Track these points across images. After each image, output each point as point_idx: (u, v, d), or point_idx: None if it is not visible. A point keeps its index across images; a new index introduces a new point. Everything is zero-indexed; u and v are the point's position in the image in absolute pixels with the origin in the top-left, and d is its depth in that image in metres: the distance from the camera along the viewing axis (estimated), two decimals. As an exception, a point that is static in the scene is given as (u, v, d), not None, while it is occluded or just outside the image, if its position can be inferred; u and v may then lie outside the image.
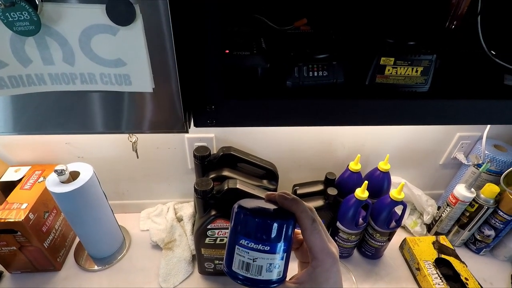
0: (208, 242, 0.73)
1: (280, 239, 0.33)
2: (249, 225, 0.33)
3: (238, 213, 0.34)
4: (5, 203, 0.72)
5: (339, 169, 0.87)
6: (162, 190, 0.98)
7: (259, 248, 0.32)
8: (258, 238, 0.32)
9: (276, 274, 0.33)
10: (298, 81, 0.40)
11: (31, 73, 0.34)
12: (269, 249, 0.32)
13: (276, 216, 0.33)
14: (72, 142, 0.83)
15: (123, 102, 0.38)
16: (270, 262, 0.33)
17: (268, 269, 0.33)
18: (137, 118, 0.40)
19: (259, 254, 0.32)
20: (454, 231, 0.90)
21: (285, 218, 0.33)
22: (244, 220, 0.33)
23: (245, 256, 0.33)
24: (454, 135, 0.90)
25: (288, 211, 0.34)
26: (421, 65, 0.39)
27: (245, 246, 0.33)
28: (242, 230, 0.33)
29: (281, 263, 0.33)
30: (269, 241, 0.32)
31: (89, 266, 0.84)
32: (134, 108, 0.39)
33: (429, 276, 0.78)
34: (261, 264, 0.32)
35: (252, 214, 0.33)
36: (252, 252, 0.32)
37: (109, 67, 0.34)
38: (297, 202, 0.34)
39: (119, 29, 0.31)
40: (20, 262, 0.78)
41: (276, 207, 0.35)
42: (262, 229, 0.32)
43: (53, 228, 0.81)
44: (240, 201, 0.36)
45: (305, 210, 0.34)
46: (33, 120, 0.40)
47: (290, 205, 0.34)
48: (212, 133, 0.85)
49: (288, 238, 0.34)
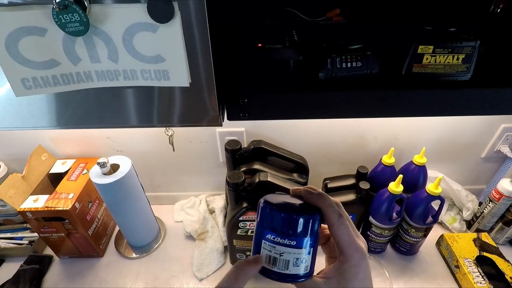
0: (240, 234, 0.74)
1: (306, 234, 0.33)
2: (275, 220, 0.33)
3: (264, 208, 0.34)
4: (54, 193, 0.78)
5: (371, 163, 0.85)
6: (195, 183, 1.01)
7: (285, 243, 0.32)
8: (284, 233, 0.32)
9: (303, 268, 0.33)
10: (331, 73, 0.40)
11: (80, 70, 0.36)
12: (295, 244, 0.32)
13: (302, 211, 0.33)
14: (112, 136, 0.88)
15: (161, 96, 0.40)
16: (297, 256, 0.33)
17: (295, 263, 0.33)
18: (173, 112, 0.42)
19: (286, 249, 0.32)
20: (497, 228, 0.85)
21: (311, 213, 0.33)
22: (270, 215, 0.33)
23: (271, 250, 0.33)
24: (498, 126, 0.84)
25: (314, 206, 0.34)
26: (462, 52, 0.37)
27: (271, 241, 0.33)
28: (268, 225, 0.33)
29: (308, 258, 0.33)
30: (295, 236, 0.32)
31: (128, 254, 0.90)
32: (171, 102, 0.41)
33: (469, 274, 0.74)
34: (288, 259, 0.33)
35: (277, 209, 0.33)
36: (278, 246, 0.33)
37: (150, 63, 0.36)
38: (323, 196, 0.34)
39: (159, 27, 0.32)
40: (67, 248, 0.85)
41: (302, 202, 0.35)
42: (288, 224, 0.32)
43: (96, 217, 0.86)
44: (265, 196, 0.36)
45: (331, 204, 0.33)
46: (74, 115, 0.43)
47: (316, 200, 0.34)
48: (243, 127, 0.86)
49: (315, 233, 0.34)
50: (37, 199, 0.76)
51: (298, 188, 0.36)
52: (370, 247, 0.85)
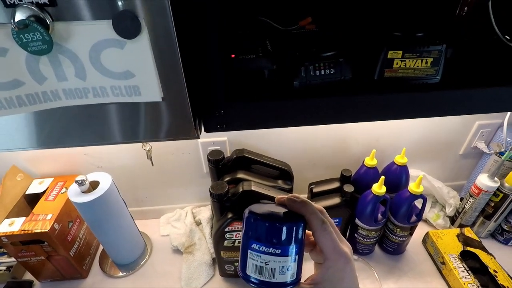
0: (226, 245, 0.73)
1: (291, 242, 0.33)
2: (259, 229, 0.33)
3: (248, 218, 0.34)
4: (31, 215, 0.75)
5: (355, 165, 0.86)
6: (180, 195, 0.99)
7: (270, 252, 0.33)
8: (269, 242, 0.33)
9: (290, 276, 0.34)
10: (305, 81, 0.40)
11: (46, 90, 0.35)
12: (280, 252, 0.33)
13: (286, 220, 0.34)
14: (90, 152, 0.86)
15: (136, 112, 0.39)
16: (283, 264, 0.33)
17: (281, 271, 0.33)
18: (150, 127, 0.41)
19: (271, 257, 0.33)
20: (479, 223, 0.87)
21: (294, 220, 0.34)
22: (254, 225, 0.34)
23: (257, 260, 0.33)
24: (473, 123, 0.87)
25: (298, 214, 0.34)
26: (430, 56, 0.38)
27: (257, 250, 0.33)
28: (253, 234, 0.34)
29: (294, 265, 0.34)
30: (280, 244, 0.33)
31: (113, 273, 0.87)
32: (146, 117, 0.40)
33: (455, 270, 0.75)
34: (274, 267, 0.33)
35: (261, 218, 0.33)
36: (264, 255, 0.33)
37: (119, 80, 0.35)
38: (305, 204, 0.34)
39: (126, 43, 0.32)
40: (48, 271, 0.81)
41: (286, 210, 0.35)
42: (272, 232, 0.33)
43: (77, 237, 0.83)
44: (250, 206, 0.36)
45: (314, 211, 0.34)
46: (54, 135, 0.41)
47: (299, 208, 0.34)
48: (225, 136, 0.86)
49: (299, 240, 0.34)
50: (12, 223, 0.73)
51: (282, 197, 0.36)
52: (358, 249, 0.86)
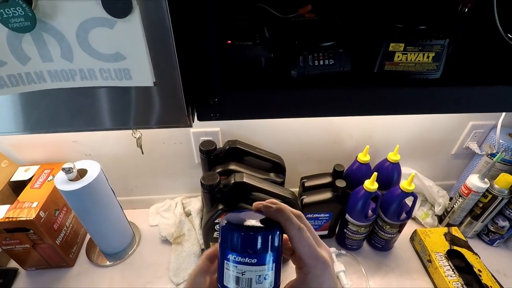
0: (216, 236, 0.73)
1: (267, 251, 0.32)
2: (233, 239, 0.33)
3: (224, 228, 0.34)
4: (16, 202, 0.73)
5: (347, 160, 0.85)
6: (170, 185, 0.98)
7: (246, 261, 0.32)
8: (244, 252, 0.32)
9: (268, 284, 0.33)
10: (303, 71, 0.39)
11: (30, 71, 0.33)
12: (256, 262, 0.32)
13: (260, 228, 0.33)
14: (79, 140, 0.83)
15: (127, 97, 0.38)
16: (259, 274, 0.32)
17: (258, 281, 0.32)
18: (141, 114, 0.39)
19: (247, 267, 0.32)
20: (466, 222, 0.88)
21: (269, 229, 0.33)
22: (229, 235, 0.33)
23: (233, 270, 0.32)
24: (467, 124, 0.87)
25: (274, 221, 0.34)
26: (432, 51, 0.37)
27: (232, 261, 0.32)
28: (228, 245, 0.33)
29: (271, 273, 0.33)
30: (255, 254, 0.32)
31: (101, 262, 0.85)
32: (138, 103, 0.38)
33: (440, 268, 0.76)
34: (250, 277, 0.32)
35: (235, 228, 0.33)
36: (240, 265, 0.32)
37: (109, 62, 0.33)
38: (281, 210, 0.33)
39: (116, 22, 0.30)
40: (34, 259, 0.80)
41: (263, 217, 0.35)
42: (246, 242, 0.32)
43: (64, 226, 0.81)
44: (227, 215, 0.35)
45: (289, 218, 0.33)
46: (43, 119, 0.40)
47: (274, 214, 0.34)
48: (218, 127, 0.84)
49: (275, 248, 0.33)
50: (-4, 209, 0.71)
51: (259, 203, 0.35)
52: (347, 244, 0.86)
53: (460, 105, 0.40)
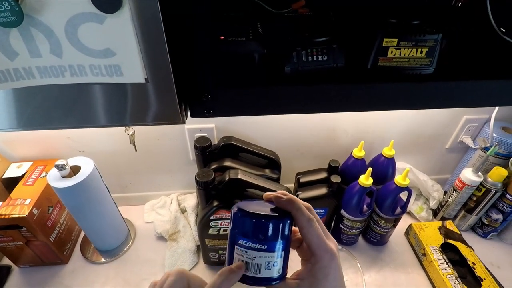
0: (211, 233, 0.73)
1: (277, 238, 0.34)
2: (245, 225, 0.34)
3: (236, 214, 0.35)
4: (8, 199, 0.72)
5: (343, 156, 0.85)
6: (165, 181, 0.97)
7: (256, 247, 0.33)
8: (255, 238, 0.33)
9: (276, 271, 0.34)
10: (297, 67, 0.38)
11: (18, 66, 0.32)
12: (266, 248, 0.33)
13: (272, 216, 0.34)
14: (72, 136, 0.82)
15: (118, 94, 0.37)
16: (269, 260, 0.34)
17: (267, 267, 0.34)
18: (134, 110, 0.39)
19: (257, 253, 0.33)
20: (460, 216, 0.89)
21: (280, 217, 0.34)
22: (241, 221, 0.34)
23: (243, 255, 0.34)
24: (461, 118, 0.88)
25: (285, 211, 0.35)
26: (426, 46, 0.37)
27: (243, 246, 0.34)
28: (240, 230, 0.34)
29: (279, 261, 0.34)
30: (266, 240, 0.33)
31: (95, 259, 0.85)
32: (129, 100, 0.38)
33: (435, 262, 0.77)
34: (260, 263, 0.33)
35: (248, 214, 0.34)
36: (250, 251, 0.33)
37: (99, 58, 0.32)
38: (292, 201, 0.35)
39: (106, 17, 0.29)
40: (27, 256, 0.79)
41: (273, 206, 0.36)
42: (258, 229, 0.33)
43: (58, 223, 0.81)
44: (239, 202, 0.37)
45: (300, 208, 0.34)
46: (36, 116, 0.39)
47: (285, 204, 0.35)
48: (213, 123, 0.84)
49: (285, 237, 0.34)
50: (-12, 207, 0.70)
51: (270, 194, 0.36)
52: (342, 239, 0.86)
53: (454, 100, 0.40)
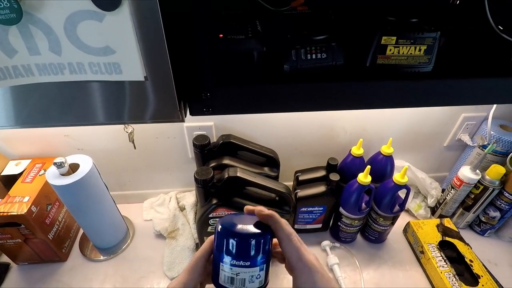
0: (210, 231, 0.73)
1: (259, 254, 0.36)
2: (228, 244, 0.36)
3: (219, 233, 0.37)
4: (7, 197, 0.72)
5: (341, 154, 0.86)
6: (164, 179, 0.97)
7: (240, 264, 0.35)
8: (239, 256, 0.35)
9: (258, 283, 0.36)
10: (296, 65, 0.38)
11: (17, 64, 0.32)
12: (249, 264, 0.35)
13: (254, 234, 0.36)
14: (71, 134, 0.82)
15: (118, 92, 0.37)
16: (252, 274, 0.36)
17: (251, 280, 0.36)
18: (133, 108, 0.39)
19: (241, 269, 0.35)
20: (458, 214, 0.89)
21: (262, 233, 0.36)
22: (225, 240, 0.36)
23: (228, 272, 0.36)
24: (459, 116, 0.88)
25: (265, 225, 0.37)
26: (424, 44, 0.37)
27: (228, 263, 0.36)
28: (224, 248, 0.36)
29: (262, 273, 0.37)
30: (248, 258, 0.35)
31: (94, 256, 0.85)
32: (129, 98, 0.38)
33: (433, 259, 0.78)
34: (244, 277, 0.36)
35: (230, 234, 0.36)
36: (234, 268, 0.35)
37: (98, 56, 0.32)
38: (272, 215, 0.37)
39: (105, 15, 0.29)
40: (26, 254, 0.79)
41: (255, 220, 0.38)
42: (241, 248, 0.36)
43: (56, 220, 0.81)
44: (221, 219, 0.39)
45: (280, 222, 0.37)
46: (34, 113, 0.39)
47: (266, 219, 0.37)
48: (211, 121, 0.84)
49: (266, 251, 0.37)
50: (-14, 204, 0.70)
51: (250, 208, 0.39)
52: (341, 237, 0.87)
53: (452, 98, 0.40)
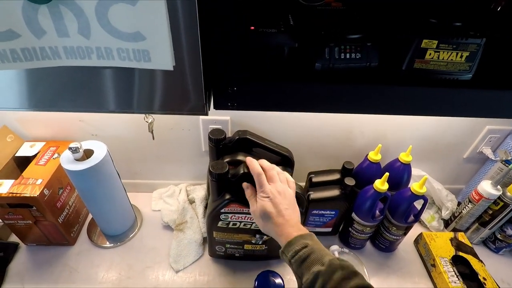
0: (220, 226, 0.72)
1: None
2: None
3: None
4: (20, 178, 0.72)
5: (356, 158, 0.83)
6: (175, 171, 0.97)
7: None
8: None
9: None
10: (329, 63, 0.37)
11: (45, 45, 0.31)
12: None
13: None
14: (86, 119, 0.82)
15: (141, 80, 0.36)
16: None
17: None
18: (155, 98, 0.38)
19: None
20: (473, 229, 0.87)
21: None
22: None
23: None
24: (483, 128, 0.85)
25: None
26: (467, 50, 0.35)
27: None
28: None
29: None
30: None
31: (101, 243, 0.85)
32: (153, 87, 0.37)
33: (445, 274, 0.75)
34: None
35: None
36: None
37: (127, 41, 0.31)
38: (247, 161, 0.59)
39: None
40: (35, 235, 0.80)
41: None
42: None
43: (67, 204, 0.81)
44: None
45: (251, 164, 0.60)
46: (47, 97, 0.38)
47: None
48: (228, 115, 0.82)
49: None
50: (1, 184, 0.70)
51: None
52: (350, 243, 0.85)
53: (490, 110, 0.38)
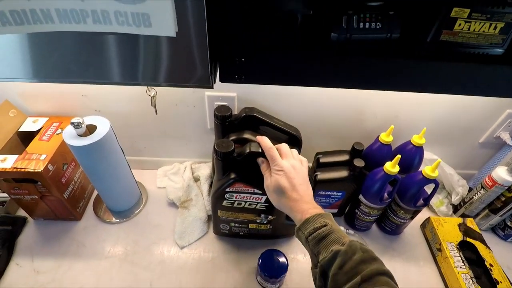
0: (225, 205, 0.71)
1: None
2: None
3: None
4: (24, 153, 0.71)
5: (365, 139, 0.80)
6: (180, 149, 0.95)
7: None
8: None
9: None
10: (346, 34, 0.33)
11: (35, 7, 0.29)
12: None
13: None
14: (88, 94, 0.80)
15: (141, 48, 0.33)
16: None
17: None
18: (158, 68, 0.35)
19: None
20: (483, 215, 0.85)
21: None
22: None
23: None
24: (503, 111, 0.80)
25: None
26: (502, 21, 0.31)
27: None
28: None
29: None
30: None
31: (107, 218, 0.86)
32: (157, 56, 0.34)
33: (450, 258, 0.74)
34: None
35: None
36: None
37: (126, 4, 0.28)
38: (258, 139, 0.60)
39: (137, -47, 0.25)
40: (42, 210, 0.80)
41: None
42: None
43: (72, 180, 0.81)
44: None
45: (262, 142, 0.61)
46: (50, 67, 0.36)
47: None
48: (234, 92, 0.79)
49: None
50: (5, 159, 0.69)
51: None
52: (356, 225, 0.84)
53: (520, 89, 0.35)
